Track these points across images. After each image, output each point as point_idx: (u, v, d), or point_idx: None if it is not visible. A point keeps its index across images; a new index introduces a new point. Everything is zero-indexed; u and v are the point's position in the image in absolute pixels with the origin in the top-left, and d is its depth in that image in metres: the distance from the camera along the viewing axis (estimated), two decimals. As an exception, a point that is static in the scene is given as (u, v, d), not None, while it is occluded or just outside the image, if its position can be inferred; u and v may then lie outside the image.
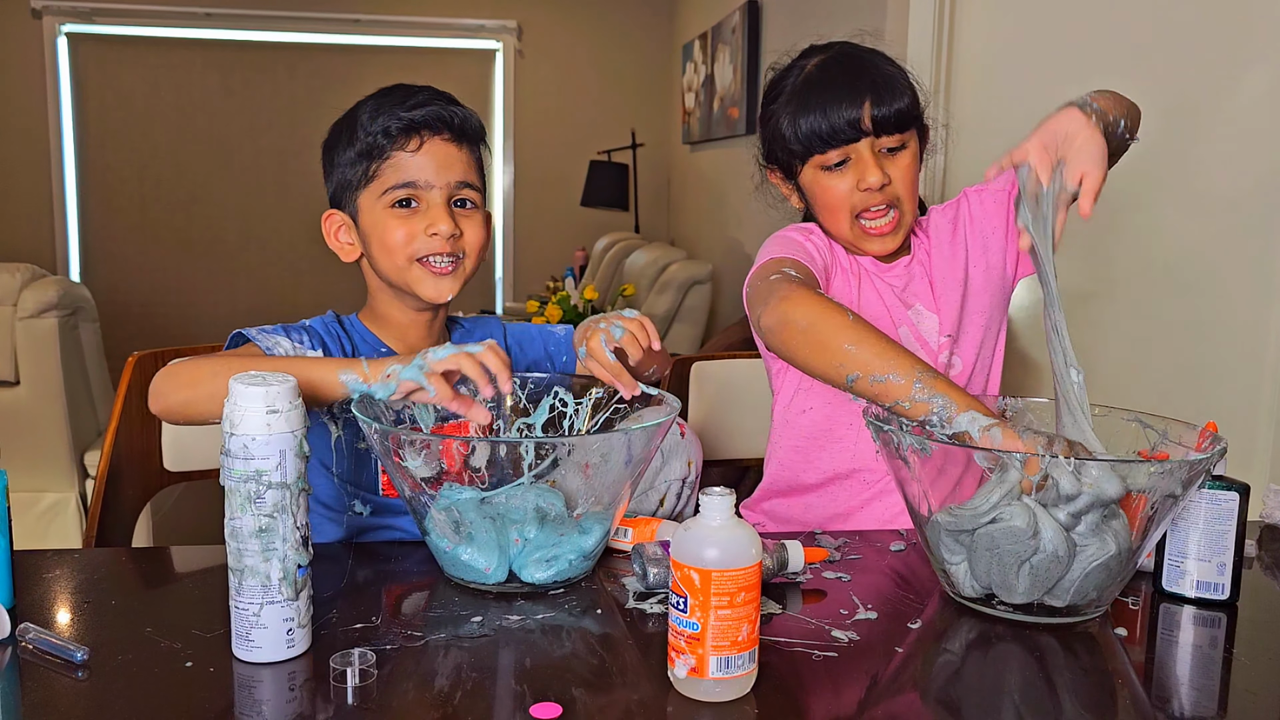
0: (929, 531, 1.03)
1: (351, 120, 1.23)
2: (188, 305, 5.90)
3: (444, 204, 1.21)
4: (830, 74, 1.30)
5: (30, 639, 0.88)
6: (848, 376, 1.08)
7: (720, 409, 1.67)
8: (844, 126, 1.26)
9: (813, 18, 3.46)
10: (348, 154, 1.23)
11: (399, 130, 1.20)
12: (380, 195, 1.21)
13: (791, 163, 1.33)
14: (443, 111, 1.21)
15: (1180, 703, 0.87)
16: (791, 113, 1.30)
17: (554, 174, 6.01)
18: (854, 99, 1.26)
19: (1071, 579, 0.96)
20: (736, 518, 0.82)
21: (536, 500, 1.04)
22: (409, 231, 1.20)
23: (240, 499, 0.85)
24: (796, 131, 1.29)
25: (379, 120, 1.20)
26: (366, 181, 1.22)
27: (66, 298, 2.85)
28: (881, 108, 1.26)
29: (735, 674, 0.81)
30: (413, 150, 1.20)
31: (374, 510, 1.24)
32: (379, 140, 1.20)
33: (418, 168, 1.20)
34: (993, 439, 0.99)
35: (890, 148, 1.28)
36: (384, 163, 1.20)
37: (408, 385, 1.03)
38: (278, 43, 5.90)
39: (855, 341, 1.08)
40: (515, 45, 6.05)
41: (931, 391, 1.03)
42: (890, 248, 1.33)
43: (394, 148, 1.20)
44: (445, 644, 0.91)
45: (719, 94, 4.71)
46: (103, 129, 5.79)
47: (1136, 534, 0.97)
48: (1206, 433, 1.03)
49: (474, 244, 1.23)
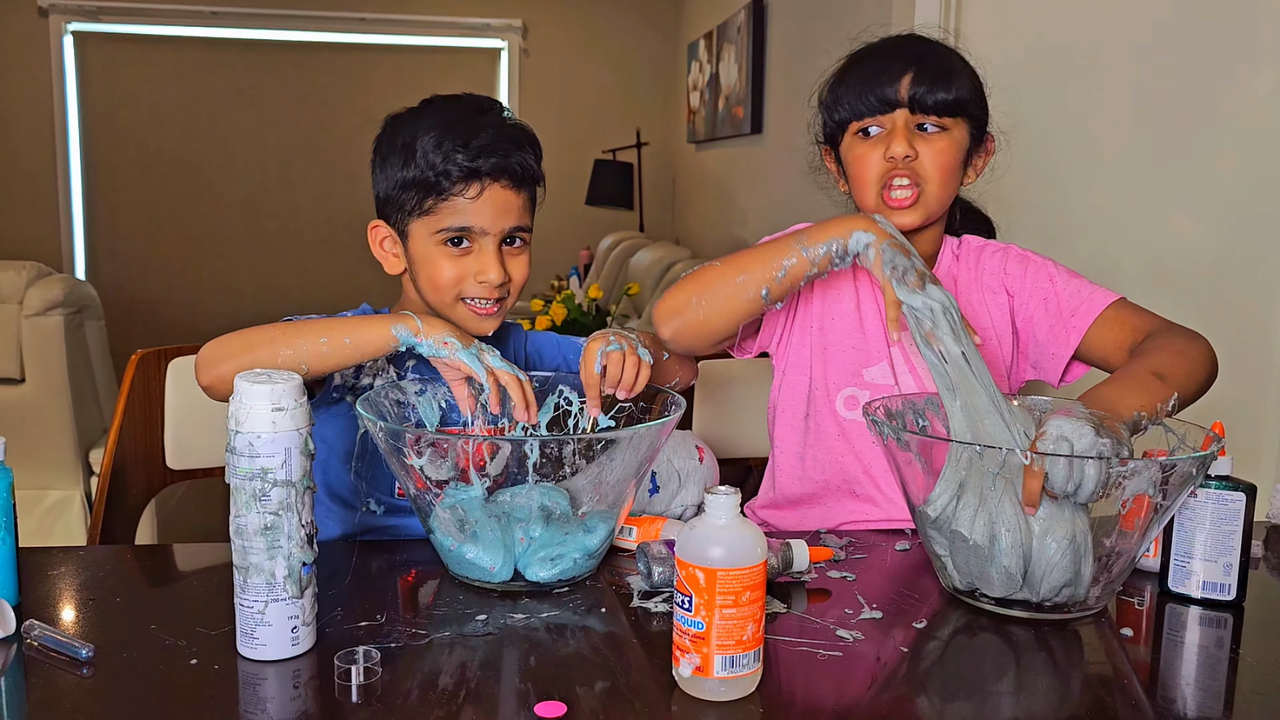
0: (918, 522, 1.05)
1: (410, 140, 1.19)
2: (193, 303, 5.90)
3: (495, 249, 1.20)
4: (884, 47, 1.32)
5: (35, 636, 0.89)
6: (761, 295, 1.16)
7: (725, 408, 1.67)
8: (878, 94, 1.26)
9: (818, 17, 3.45)
10: (401, 175, 1.20)
11: (460, 176, 1.18)
12: (435, 232, 1.20)
13: (835, 133, 1.34)
14: (505, 161, 1.19)
15: (1186, 703, 0.87)
16: (840, 77, 1.32)
17: (559, 173, 5.91)
18: (898, 70, 1.26)
19: (1037, 575, 0.97)
20: (741, 517, 0.82)
21: (541, 499, 1.05)
22: (459, 273, 1.20)
23: (245, 496, 0.85)
24: (838, 97, 1.31)
25: (440, 157, 1.17)
26: (421, 214, 1.20)
27: (72, 296, 2.85)
28: (922, 86, 1.25)
29: (740, 673, 0.81)
30: (472, 197, 1.18)
31: (387, 510, 1.25)
32: (439, 181, 1.18)
33: (475, 214, 1.19)
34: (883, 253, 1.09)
35: (926, 125, 1.27)
36: (441, 201, 1.19)
37: (459, 363, 1.07)
38: (284, 41, 5.90)
39: (738, 270, 1.18)
40: (520, 44, 6.05)
41: (816, 243, 1.14)
42: (906, 224, 1.30)
43: (454, 191, 1.18)
44: (450, 642, 0.91)
45: (724, 93, 4.71)
46: (109, 127, 5.79)
47: (1137, 532, 0.97)
48: (1211, 434, 1.02)
49: (519, 282, 1.24)
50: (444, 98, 1.25)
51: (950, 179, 1.29)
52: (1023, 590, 0.98)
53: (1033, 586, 0.98)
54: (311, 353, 1.06)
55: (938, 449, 1.01)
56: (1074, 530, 0.97)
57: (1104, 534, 0.98)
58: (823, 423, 1.35)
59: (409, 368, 1.22)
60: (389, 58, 5.96)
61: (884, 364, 1.33)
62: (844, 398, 1.33)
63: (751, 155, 4.40)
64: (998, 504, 0.97)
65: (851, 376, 1.33)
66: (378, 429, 1.01)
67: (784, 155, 3.75)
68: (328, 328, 1.08)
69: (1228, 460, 1.03)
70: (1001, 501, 0.97)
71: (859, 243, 1.12)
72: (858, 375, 1.33)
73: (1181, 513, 1.04)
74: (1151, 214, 2.24)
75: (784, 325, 1.37)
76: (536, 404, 1.11)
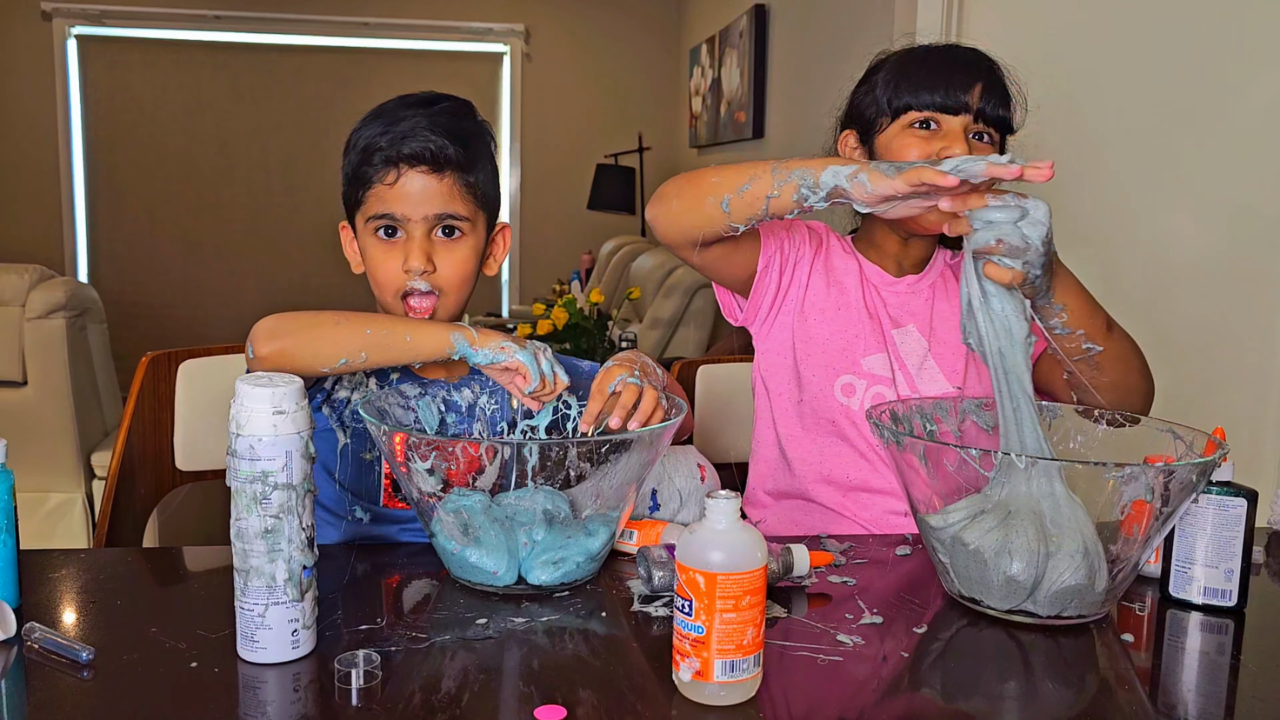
0: (921, 527, 1.05)
1: (355, 138, 1.23)
2: (195, 307, 5.91)
3: (423, 236, 1.20)
4: (955, 52, 1.32)
5: (36, 638, 0.89)
6: (722, 204, 1.14)
7: (726, 412, 1.67)
8: (956, 92, 1.26)
9: (820, 22, 3.45)
10: (345, 171, 1.24)
11: (381, 161, 1.19)
12: (366, 221, 1.23)
13: (879, 119, 1.32)
14: (421, 147, 1.19)
15: (1187, 709, 0.87)
16: (902, 67, 1.31)
17: (560, 177, 6.01)
18: (971, 77, 1.27)
19: (1044, 593, 0.97)
20: (742, 521, 0.82)
21: (544, 503, 1.05)
22: (392, 266, 1.21)
23: (246, 499, 0.85)
24: (900, 83, 1.29)
25: (362, 146, 1.21)
26: (357, 204, 1.24)
27: (74, 299, 2.86)
28: (992, 100, 1.26)
29: (740, 678, 0.81)
30: (389, 184, 1.19)
31: (374, 518, 1.25)
32: (363, 170, 1.21)
33: (396, 199, 1.20)
34: (862, 184, 1.02)
35: (978, 134, 1.28)
36: (367, 190, 1.21)
37: (518, 363, 1.09)
38: (286, 45, 5.91)
39: (717, 174, 1.16)
40: (523, 49, 6.05)
41: (789, 170, 1.08)
42: (932, 229, 1.31)
43: (374, 178, 1.20)
44: (450, 646, 0.91)
45: (726, 98, 4.72)
46: (111, 131, 5.80)
47: (1139, 539, 0.97)
48: (1214, 440, 1.02)
49: (450, 278, 1.22)
50: (400, 96, 1.26)
51: None
52: (1029, 601, 0.97)
53: (1039, 599, 0.97)
54: (373, 342, 1.09)
55: (946, 457, 1.00)
56: (1084, 542, 0.97)
57: (1109, 541, 0.98)
58: (818, 409, 1.35)
59: (393, 381, 1.23)
60: (391, 62, 5.97)
61: (882, 355, 1.34)
62: (841, 384, 1.34)
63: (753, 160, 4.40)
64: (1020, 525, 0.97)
65: (850, 364, 1.34)
66: (381, 432, 1.01)
67: (786, 160, 3.75)
68: (391, 322, 1.12)
69: (1229, 466, 1.03)
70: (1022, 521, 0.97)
71: (837, 175, 1.03)
72: (855, 363, 1.33)
73: (1183, 519, 1.04)
74: (1152, 219, 2.24)
75: (769, 309, 1.37)
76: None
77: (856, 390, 1.33)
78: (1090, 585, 0.96)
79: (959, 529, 0.99)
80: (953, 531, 1.00)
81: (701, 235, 1.20)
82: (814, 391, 1.35)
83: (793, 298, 1.37)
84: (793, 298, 1.37)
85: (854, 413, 1.33)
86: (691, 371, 1.67)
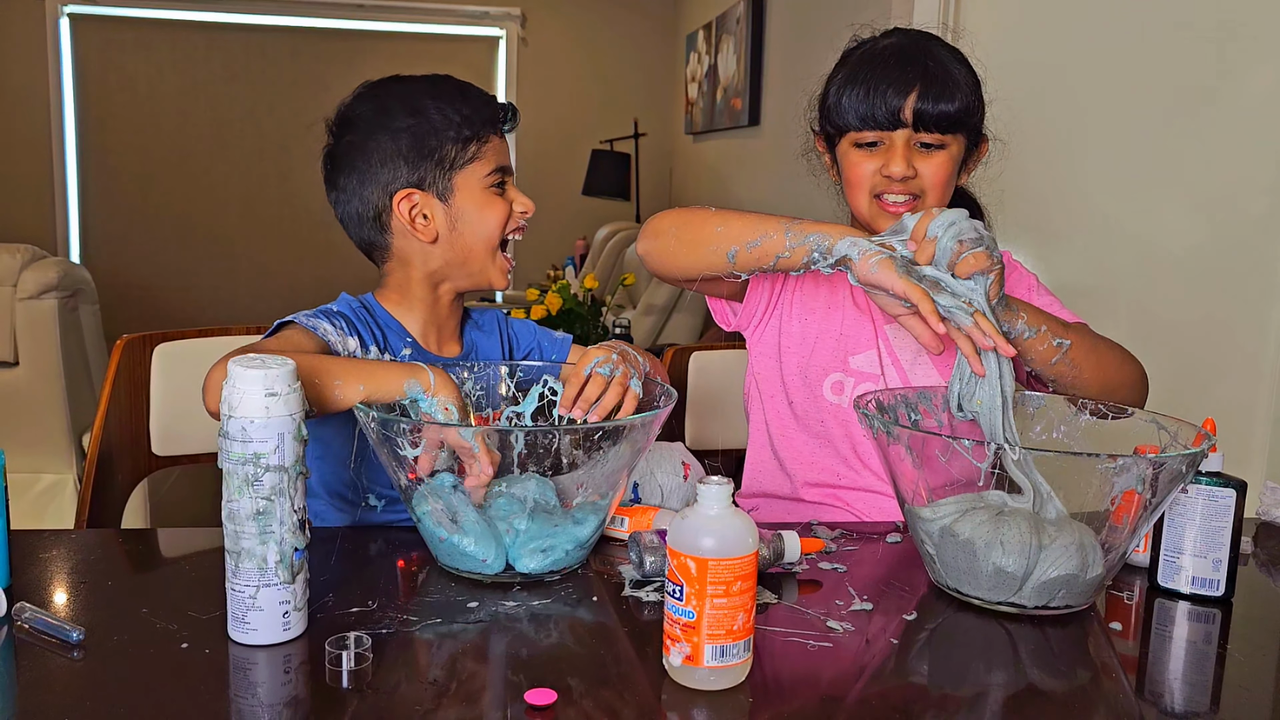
0: (909, 520, 1.05)
1: (420, 105, 1.24)
2: (188, 288, 5.89)
3: None
4: (889, 57, 1.28)
5: (26, 619, 0.88)
6: (728, 255, 1.15)
7: (718, 399, 1.67)
8: (884, 112, 1.25)
9: (817, 9, 3.45)
10: (433, 140, 1.24)
11: (490, 117, 1.27)
12: (484, 176, 1.27)
13: (833, 135, 1.33)
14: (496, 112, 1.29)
15: (1174, 698, 0.87)
16: (842, 85, 1.30)
17: (555, 162, 6.00)
18: (902, 88, 1.25)
19: (1031, 586, 0.97)
20: (734, 507, 0.82)
21: (534, 491, 1.04)
22: (503, 215, 1.28)
23: (238, 481, 0.85)
24: (840, 104, 1.29)
25: (467, 107, 1.26)
26: (467, 161, 1.26)
27: (67, 279, 2.84)
28: (927, 103, 1.24)
29: (730, 663, 0.81)
30: (500, 137, 1.29)
31: (387, 504, 1.25)
32: (478, 126, 1.26)
33: (506, 153, 1.30)
34: (870, 267, 1.04)
35: (927, 143, 1.27)
36: (485, 145, 1.27)
37: (453, 435, 1.00)
38: (281, 26, 5.88)
39: (722, 222, 1.16)
40: (519, 33, 6.03)
41: (804, 234, 1.10)
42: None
43: (492, 132, 1.28)
44: (441, 630, 0.91)
45: (722, 84, 4.70)
46: (104, 111, 5.77)
47: (1127, 529, 0.97)
48: (1202, 432, 1.03)
49: None
50: (398, 77, 1.30)
51: (946, 190, 1.30)
52: (1018, 594, 0.98)
53: (1026, 592, 0.98)
54: (325, 396, 1.03)
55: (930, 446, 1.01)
56: (1080, 538, 0.97)
57: (1097, 530, 0.98)
58: (809, 408, 1.35)
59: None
60: (386, 44, 5.95)
61: (871, 352, 1.34)
62: (831, 383, 1.34)
63: (749, 147, 4.40)
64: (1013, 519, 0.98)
65: (839, 362, 1.34)
66: (369, 419, 1.01)
67: (781, 148, 3.75)
68: (345, 370, 1.06)
69: (1219, 456, 1.04)
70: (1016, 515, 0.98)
71: (850, 246, 1.07)
72: (844, 361, 1.34)
73: (1172, 508, 1.04)
74: (1144, 213, 2.24)
75: (763, 314, 1.38)
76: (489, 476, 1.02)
77: (845, 388, 1.34)
78: (1079, 575, 0.97)
79: (950, 521, 1.00)
80: (943, 523, 1.00)
81: (700, 277, 1.23)
82: (805, 391, 1.35)
83: (785, 300, 1.37)
84: (785, 300, 1.37)
85: (844, 411, 1.34)
86: (685, 358, 1.67)
